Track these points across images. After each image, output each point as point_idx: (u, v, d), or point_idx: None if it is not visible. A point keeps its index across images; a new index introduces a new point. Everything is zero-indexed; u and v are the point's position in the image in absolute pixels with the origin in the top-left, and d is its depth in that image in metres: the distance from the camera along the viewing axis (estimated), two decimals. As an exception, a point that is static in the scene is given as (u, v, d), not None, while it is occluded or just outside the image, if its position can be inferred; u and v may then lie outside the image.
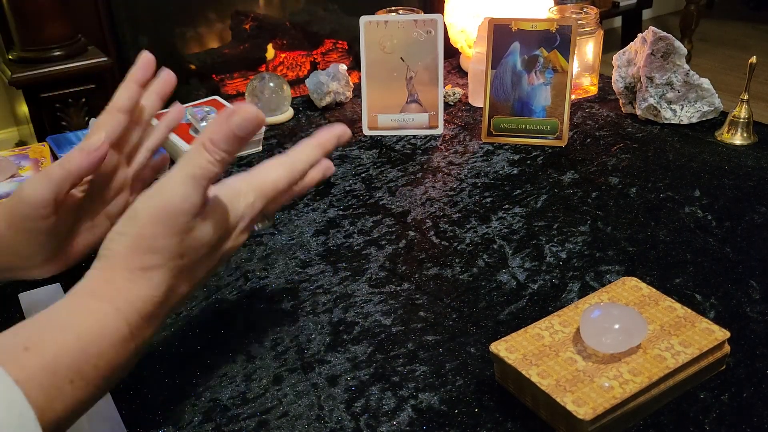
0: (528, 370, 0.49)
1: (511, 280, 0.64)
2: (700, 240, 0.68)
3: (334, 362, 0.55)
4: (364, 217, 0.75)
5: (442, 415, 0.50)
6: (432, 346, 0.57)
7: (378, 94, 0.93)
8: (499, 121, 0.90)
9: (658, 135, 0.91)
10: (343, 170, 0.85)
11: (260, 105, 0.98)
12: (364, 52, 0.93)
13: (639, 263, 0.66)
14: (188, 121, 0.90)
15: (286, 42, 2.38)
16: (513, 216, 0.74)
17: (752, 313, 0.59)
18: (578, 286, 0.63)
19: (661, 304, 0.54)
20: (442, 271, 0.66)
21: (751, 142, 0.87)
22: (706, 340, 0.50)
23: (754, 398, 0.50)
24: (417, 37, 0.91)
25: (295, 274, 0.66)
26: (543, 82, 0.88)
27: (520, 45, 0.88)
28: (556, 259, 0.67)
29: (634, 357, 0.49)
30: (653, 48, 0.89)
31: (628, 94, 0.96)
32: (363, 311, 0.61)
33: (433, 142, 0.92)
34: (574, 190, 0.79)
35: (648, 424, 0.49)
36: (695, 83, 0.91)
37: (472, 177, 0.83)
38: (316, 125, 0.98)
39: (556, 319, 0.53)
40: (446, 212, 0.76)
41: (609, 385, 0.47)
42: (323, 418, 0.50)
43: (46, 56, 1.69)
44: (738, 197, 0.75)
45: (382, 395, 0.52)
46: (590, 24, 1.00)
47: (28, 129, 1.83)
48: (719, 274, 0.64)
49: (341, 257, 0.69)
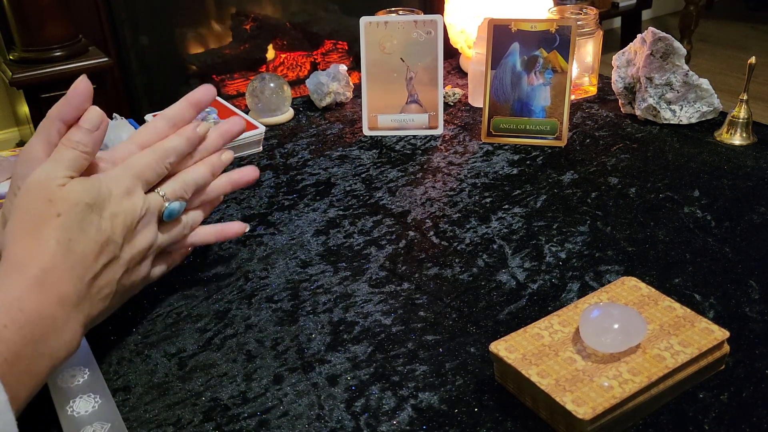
0: (527, 369, 0.49)
1: (511, 280, 0.64)
2: (699, 240, 0.69)
3: (334, 362, 0.56)
4: (364, 217, 0.75)
5: (442, 414, 0.50)
6: (432, 346, 0.57)
7: (378, 95, 0.93)
8: (498, 121, 0.91)
9: (658, 135, 0.91)
10: (343, 170, 0.86)
11: (260, 105, 0.98)
12: (364, 53, 0.93)
13: (638, 263, 0.66)
14: (188, 121, 0.90)
15: (287, 42, 2.38)
16: (513, 216, 0.74)
17: (751, 312, 0.59)
18: (578, 286, 0.63)
19: (660, 303, 0.54)
20: (442, 271, 0.66)
21: (750, 142, 0.87)
22: (705, 340, 0.50)
23: (753, 398, 0.50)
24: (417, 38, 0.92)
25: (295, 274, 0.66)
26: (542, 83, 0.88)
27: (519, 45, 0.88)
28: (556, 259, 0.67)
29: (633, 357, 0.49)
30: (652, 48, 0.89)
31: (628, 94, 0.96)
32: (363, 311, 0.61)
33: (433, 143, 0.92)
34: (574, 190, 0.79)
35: (647, 423, 0.49)
36: (694, 84, 0.91)
37: (471, 177, 0.83)
38: (316, 125, 0.98)
39: (555, 319, 0.53)
40: (446, 212, 0.76)
41: (608, 385, 0.47)
42: (323, 418, 0.51)
43: (47, 57, 1.69)
44: (737, 197, 0.76)
45: (382, 395, 0.52)
46: (590, 24, 1.00)
47: (28, 129, 1.83)
48: (718, 274, 0.64)
49: (341, 257, 0.69)
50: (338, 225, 0.74)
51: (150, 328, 0.60)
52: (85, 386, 0.52)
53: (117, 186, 0.54)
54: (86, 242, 0.51)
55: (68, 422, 0.50)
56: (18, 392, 0.45)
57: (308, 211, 0.77)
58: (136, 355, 0.57)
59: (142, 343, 0.58)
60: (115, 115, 0.90)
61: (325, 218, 0.76)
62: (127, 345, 0.58)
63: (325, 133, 0.96)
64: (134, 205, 0.55)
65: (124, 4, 1.97)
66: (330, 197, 0.80)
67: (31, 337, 0.46)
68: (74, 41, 1.73)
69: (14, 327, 0.45)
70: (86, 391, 0.52)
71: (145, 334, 0.59)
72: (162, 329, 0.60)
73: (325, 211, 0.77)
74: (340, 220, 0.75)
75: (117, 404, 0.52)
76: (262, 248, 0.71)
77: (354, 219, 0.75)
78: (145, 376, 0.55)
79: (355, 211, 0.77)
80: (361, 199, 0.79)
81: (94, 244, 0.51)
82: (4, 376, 0.43)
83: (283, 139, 0.95)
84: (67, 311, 0.49)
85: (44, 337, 0.47)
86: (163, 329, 0.60)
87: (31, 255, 0.48)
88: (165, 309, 0.62)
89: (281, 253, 0.70)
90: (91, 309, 0.51)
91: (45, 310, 0.47)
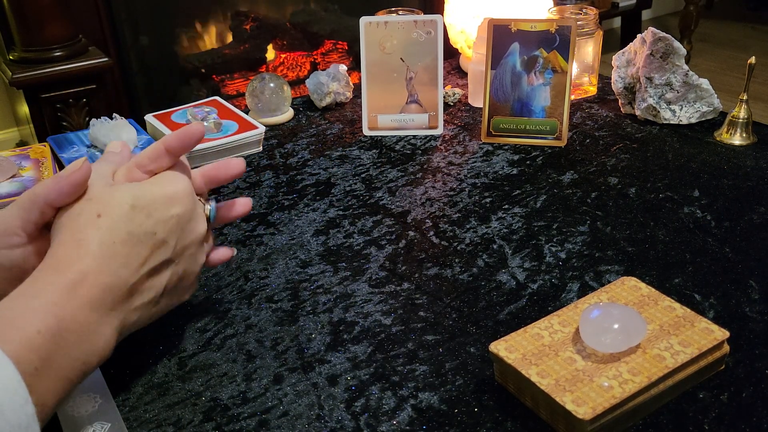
0: (527, 369, 0.49)
1: (511, 280, 0.64)
2: (699, 240, 0.69)
3: (334, 362, 0.56)
4: (364, 217, 0.75)
5: (442, 414, 0.50)
6: (432, 346, 0.57)
7: (378, 95, 0.93)
8: (498, 121, 0.91)
9: (658, 135, 0.91)
10: (343, 170, 0.86)
11: (260, 105, 0.98)
12: (364, 53, 0.93)
13: (638, 263, 0.66)
14: (188, 121, 0.90)
15: (287, 42, 2.38)
16: (512, 216, 0.74)
17: (751, 312, 0.59)
18: (578, 286, 0.63)
19: (660, 303, 0.54)
20: (442, 271, 0.66)
21: (750, 142, 0.87)
22: (705, 340, 0.50)
23: (753, 398, 0.50)
24: (417, 38, 0.92)
25: (295, 274, 0.66)
26: (542, 83, 0.88)
27: (519, 45, 0.88)
28: (556, 259, 0.67)
29: (633, 357, 0.49)
30: (652, 48, 0.89)
31: (628, 94, 0.96)
32: (363, 311, 0.61)
33: (433, 143, 0.92)
34: (574, 191, 0.79)
35: (647, 423, 0.49)
36: (694, 84, 0.91)
37: (471, 177, 0.83)
38: (316, 125, 0.98)
39: (555, 319, 0.53)
40: (446, 212, 0.76)
41: (608, 385, 0.47)
42: (323, 418, 0.51)
43: (47, 57, 1.69)
44: (737, 197, 0.76)
45: (382, 395, 0.52)
46: (589, 24, 1.00)
47: (28, 129, 1.83)
48: (718, 274, 0.64)
49: (341, 257, 0.69)
50: (338, 225, 0.74)
51: (150, 328, 0.60)
52: (85, 386, 0.52)
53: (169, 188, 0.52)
54: (133, 245, 0.48)
55: (68, 422, 0.50)
56: (47, 400, 0.43)
57: (308, 211, 0.77)
58: (136, 355, 0.57)
59: (143, 343, 0.58)
60: (115, 115, 0.90)
61: (325, 218, 0.76)
62: (127, 345, 0.58)
63: (325, 133, 0.96)
64: (187, 207, 0.52)
65: (124, 4, 1.97)
66: (330, 197, 0.80)
67: (64, 344, 0.44)
68: (74, 41, 1.73)
69: (48, 333, 0.43)
70: (86, 392, 0.52)
71: (145, 334, 0.59)
72: (162, 329, 0.60)
73: (325, 211, 0.77)
74: (340, 220, 0.75)
75: (117, 404, 0.52)
76: (262, 248, 0.71)
77: (354, 219, 0.75)
78: (145, 376, 0.55)
79: (355, 211, 0.77)
80: (361, 199, 0.79)
81: (143, 247, 0.49)
82: (32, 386, 0.41)
83: (283, 139, 0.95)
84: (101, 316, 0.47)
85: (78, 344, 0.45)
86: (163, 328, 0.60)
87: (72, 257, 0.47)
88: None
89: (281, 253, 0.70)
90: (134, 314, 0.50)
91: (80, 316, 0.45)
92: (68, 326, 0.44)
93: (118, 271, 0.48)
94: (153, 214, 0.50)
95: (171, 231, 0.51)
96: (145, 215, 0.49)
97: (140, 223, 0.49)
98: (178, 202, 0.52)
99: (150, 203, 0.50)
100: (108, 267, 0.47)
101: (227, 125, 0.90)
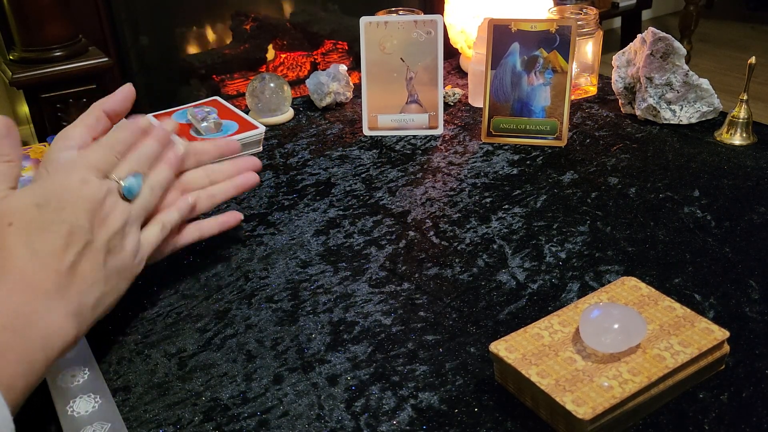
0: (527, 369, 0.49)
1: (511, 280, 0.64)
2: (699, 240, 0.69)
3: (334, 362, 0.56)
4: (364, 217, 0.75)
5: (442, 414, 0.50)
6: (432, 346, 0.57)
7: (378, 95, 0.93)
8: (498, 121, 0.91)
9: (658, 135, 0.91)
10: (343, 170, 0.86)
11: (260, 105, 0.98)
12: (364, 53, 0.93)
13: (638, 263, 0.66)
14: (188, 121, 0.90)
15: (287, 42, 2.38)
16: (513, 216, 0.74)
17: (751, 312, 0.59)
18: (578, 286, 0.63)
19: (660, 303, 0.54)
20: (442, 271, 0.66)
21: (750, 142, 0.87)
22: (705, 340, 0.51)
23: (753, 398, 0.50)
24: (417, 38, 0.92)
25: (295, 274, 0.66)
26: (542, 83, 0.88)
27: (519, 45, 0.88)
28: (556, 259, 0.67)
29: (633, 357, 0.49)
30: (652, 48, 0.89)
31: (628, 94, 0.96)
32: (363, 311, 0.61)
33: (433, 143, 0.92)
34: (574, 191, 0.79)
35: (647, 423, 0.49)
36: (694, 84, 0.91)
37: (471, 177, 0.83)
38: (316, 125, 0.98)
39: (555, 319, 0.53)
40: (446, 212, 0.76)
41: (608, 385, 0.47)
42: (323, 418, 0.51)
43: (47, 57, 1.69)
44: (737, 197, 0.76)
45: (382, 395, 0.52)
46: (590, 24, 1.00)
47: (28, 129, 1.83)
48: (718, 274, 0.64)
49: (341, 257, 0.69)
50: (338, 225, 0.74)
51: (150, 328, 0.60)
52: (85, 386, 0.53)
53: (69, 179, 0.55)
54: (49, 238, 0.51)
55: (68, 422, 0.50)
56: (14, 381, 0.45)
57: (308, 211, 0.77)
58: (136, 355, 0.57)
59: (142, 343, 0.58)
60: None
61: (325, 218, 0.76)
62: (127, 345, 0.58)
63: (325, 133, 0.96)
64: (92, 191, 0.55)
65: (124, 4, 1.97)
66: (330, 197, 0.80)
67: (12, 327, 0.47)
68: (74, 41, 1.73)
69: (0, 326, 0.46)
70: (86, 391, 0.52)
71: (145, 334, 0.59)
72: (162, 329, 0.60)
73: (325, 211, 0.77)
74: (340, 220, 0.75)
75: (117, 404, 0.52)
76: (262, 248, 0.71)
77: (354, 219, 0.75)
78: (145, 376, 0.55)
79: (355, 211, 0.77)
80: (361, 199, 0.79)
81: (58, 237, 0.52)
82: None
83: (283, 139, 0.95)
84: (48, 302, 0.49)
85: (29, 326, 0.48)
86: (163, 329, 0.60)
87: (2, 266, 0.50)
88: (165, 309, 0.62)
89: (281, 253, 0.70)
90: (82, 296, 0.52)
91: (24, 307, 0.48)
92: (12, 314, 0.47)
93: (46, 262, 0.50)
94: (60, 204, 0.53)
95: (82, 215, 0.53)
96: (52, 210, 0.52)
97: (50, 219, 0.52)
98: (81, 187, 0.55)
99: (53, 197, 0.53)
100: (36, 262, 0.50)
101: (227, 125, 0.90)
